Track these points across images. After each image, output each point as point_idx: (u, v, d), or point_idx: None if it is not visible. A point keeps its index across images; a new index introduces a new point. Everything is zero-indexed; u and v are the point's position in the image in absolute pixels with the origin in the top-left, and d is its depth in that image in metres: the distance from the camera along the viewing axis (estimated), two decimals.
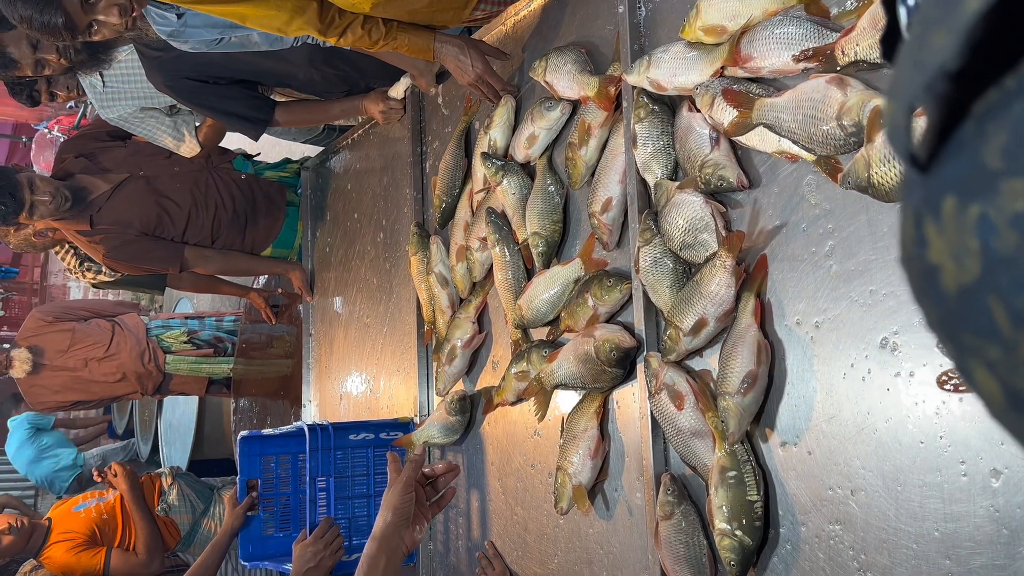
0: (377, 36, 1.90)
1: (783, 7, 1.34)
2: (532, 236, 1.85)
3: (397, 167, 2.64)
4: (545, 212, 1.84)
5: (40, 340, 3.90)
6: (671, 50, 1.51)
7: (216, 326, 4.22)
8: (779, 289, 1.35)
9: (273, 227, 3.16)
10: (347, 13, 1.84)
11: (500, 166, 1.95)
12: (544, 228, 1.83)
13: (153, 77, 2.45)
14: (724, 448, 1.34)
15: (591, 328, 1.65)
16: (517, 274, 1.94)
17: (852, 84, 1.20)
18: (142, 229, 2.88)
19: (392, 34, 1.93)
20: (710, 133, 1.44)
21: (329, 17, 1.81)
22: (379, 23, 1.90)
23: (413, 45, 1.99)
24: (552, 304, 1.81)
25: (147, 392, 4.12)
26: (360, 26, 1.87)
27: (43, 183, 2.71)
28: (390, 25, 1.92)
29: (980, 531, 1.06)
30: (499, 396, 1.94)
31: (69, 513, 3.61)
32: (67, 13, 1.70)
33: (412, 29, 1.98)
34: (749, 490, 1.32)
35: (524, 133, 1.90)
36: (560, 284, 1.80)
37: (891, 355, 1.18)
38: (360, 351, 2.82)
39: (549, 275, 1.82)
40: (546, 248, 1.83)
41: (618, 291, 1.64)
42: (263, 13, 1.75)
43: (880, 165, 1.12)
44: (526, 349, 1.87)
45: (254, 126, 2.59)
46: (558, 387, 1.71)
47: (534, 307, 1.83)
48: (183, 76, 2.39)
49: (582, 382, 1.66)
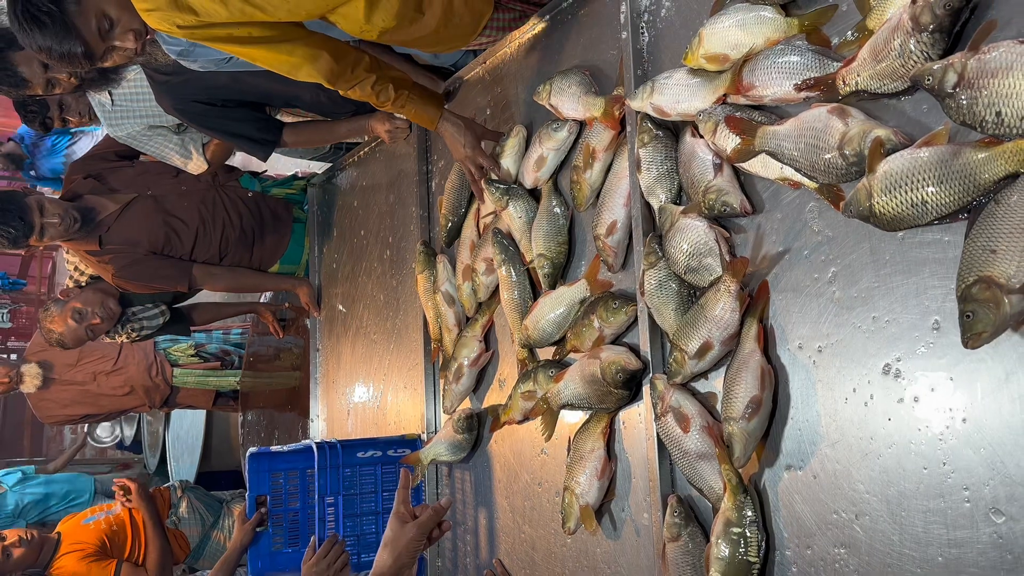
0: (384, 99, 1.93)
1: (784, 36, 1.36)
2: (538, 258, 1.87)
3: (403, 185, 2.66)
4: (550, 234, 1.86)
5: (49, 355, 3.94)
6: (674, 77, 1.53)
7: (223, 339, 4.25)
8: (782, 315, 1.37)
9: (280, 244, 3.19)
10: (359, 71, 1.86)
11: (505, 190, 1.97)
12: (550, 250, 1.85)
13: (162, 101, 2.47)
14: (734, 501, 1.35)
15: (597, 349, 1.67)
16: (523, 294, 1.96)
17: (853, 114, 1.22)
18: (151, 248, 2.90)
19: (400, 101, 1.96)
20: (713, 159, 1.46)
21: (340, 70, 1.83)
22: (388, 88, 1.92)
23: (419, 115, 2.04)
24: (558, 324, 1.83)
25: (154, 405, 4.15)
26: (370, 86, 1.89)
27: (52, 205, 2.74)
28: (400, 93, 1.94)
29: (984, 557, 1.07)
30: (506, 414, 1.96)
31: (79, 526, 3.63)
32: (85, 42, 1.71)
33: (421, 99, 2.01)
34: (750, 550, 1.33)
35: (533, 156, 1.92)
36: (566, 305, 1.81)
37: (894, 381, 1.19)
38: (367, 366, 2.84)
39: (555, 296, 1.83)
40: (552, 269, 1.85)
41: (624, 314, 1.66)
42: (273, 56, 1.77)
43: (882, 195, 1.13)
44: (532, 369, 1.88)
45: (262, 148, 2.61)
46: (564, 407, 1.73)
47: (540, 327, 1.85)
48: (191, 99, 2.42)
49: (588, 403, 1.67)
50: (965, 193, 1.06)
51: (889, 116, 1.22)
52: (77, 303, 3.20)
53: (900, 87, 1.17)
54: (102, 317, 3.20)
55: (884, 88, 1.18)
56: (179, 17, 1.62)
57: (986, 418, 1.08)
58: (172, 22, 1.63)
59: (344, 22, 1.81)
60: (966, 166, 1.05)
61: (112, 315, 3.23)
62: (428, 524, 1.53)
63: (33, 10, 1.69)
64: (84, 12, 1.70)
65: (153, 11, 1.63)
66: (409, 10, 1.84)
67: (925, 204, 1.09)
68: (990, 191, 1.04)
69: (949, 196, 1.07)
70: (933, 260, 1.15)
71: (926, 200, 1.09)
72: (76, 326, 3.18)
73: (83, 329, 3.20)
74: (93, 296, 3.21)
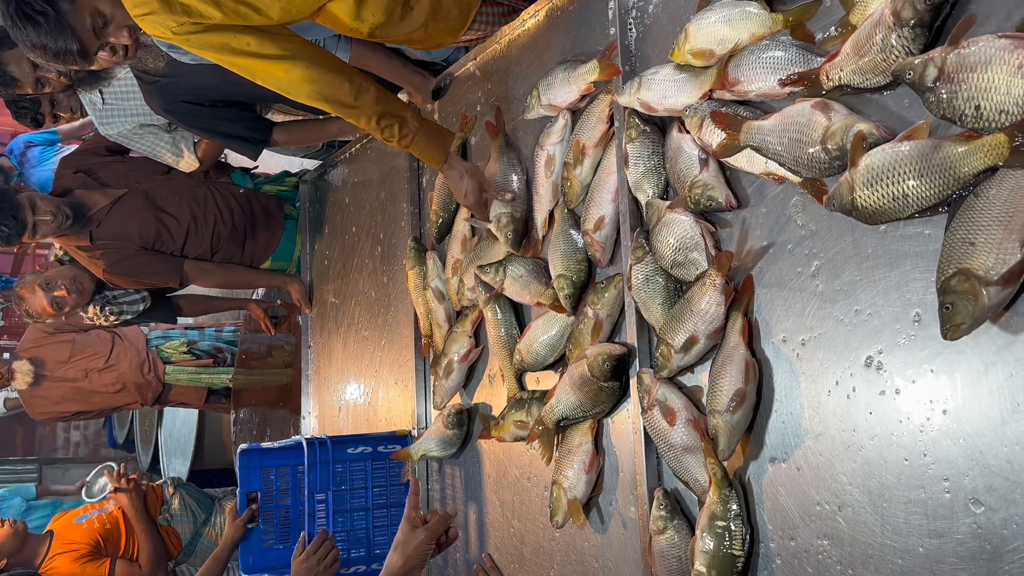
0: (390, 137, 1.84)
1: (769, 32, 1.36)
2: (558, 279, 1.79)
3: (394, 181, 2.66)
4: (568, 253, 1.78)
5: (40, 351, 3.93)
6: (661, 72, 1.54)
7: (216, 336, 4.24)
8: (766, 308, 1.38)
9: (272, 240, 3.19)
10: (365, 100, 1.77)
11: (498, 266, 1.94)
12: (569, 269, 1.77)
13: (151, 101, 2.46)
14: (719, 494, 1.36)
15: (581, 353, 1.67)
16: (510, 330, 1.97)
17: (836, 109, 1.23)
18: (142, 243, 2.90)
19: (405, 142, 1.86)
20: (699, 154, 1.47)
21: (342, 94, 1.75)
22: (394, 127, 1.83)
23: (424, 156, 1.96)
24: (552, 347, 1.81)
25: (146, 402, 4.14)
26: (375, 121, 1.80)
27: (44, 202, 2.74)
28: (405, 134, 1.85)
29: (963, 547, 1.09)
30: (496, 431, 1.95)
31: (71, 524, 3.62)
32: (80, 39, 1.70)
33: (427, 139, 1.90)
34: (735, 543, 1.35)
35: (541, 161, 1.87)
36: (558, 326, 1.80)
37: (876, 374, 1.20)
38: (359, 363, 2.84)
39: (547, 318, 1.82)
40: (573, 290, 1.76)
41: (612, 287, 1.66)
42: (270, 73, 1.71)
43: (864, 188, 1.14)
44: (528, 400, 1.87)
45: (252, 147, 2.60)
46: (560, 422, 1.70)
47: (534, 351, 1.83)
48: (180, 100, 2.40)
49: (583, 410, 1.66)
50: (945, 186, 1.07)
51: (871, 110, 1.23)
52: (50, 273, 3.21)
53: (882, 82, 1.18)
54: (69, 289, 3.19)
55: (867, 83, 1.19)
56: (173, 20, 1.61)
57: (966, 409, 1.09)
58: (166, 26, 1.62)
59: (334, 19, 1.80)
60: (946, 160, 1.06)
61: (82, 290, 3.22)
62: (437, 529, 1.63)
63: (27, 8, 1.68)
64: (78, 10, 1.70)
65: (147, 15, 1.62)
66: (398, 5, 1.84)
67: (906, 197, 1.10)
68: (970, 184, 1.05)
69: (930, 189, 1.08)
70: (914, 253, 1.16)
71: (907, 193, 1.09)
72: (42, 295, 3.18)
73: (48, 298, 3.18)
74: (67, 270, 3.22)
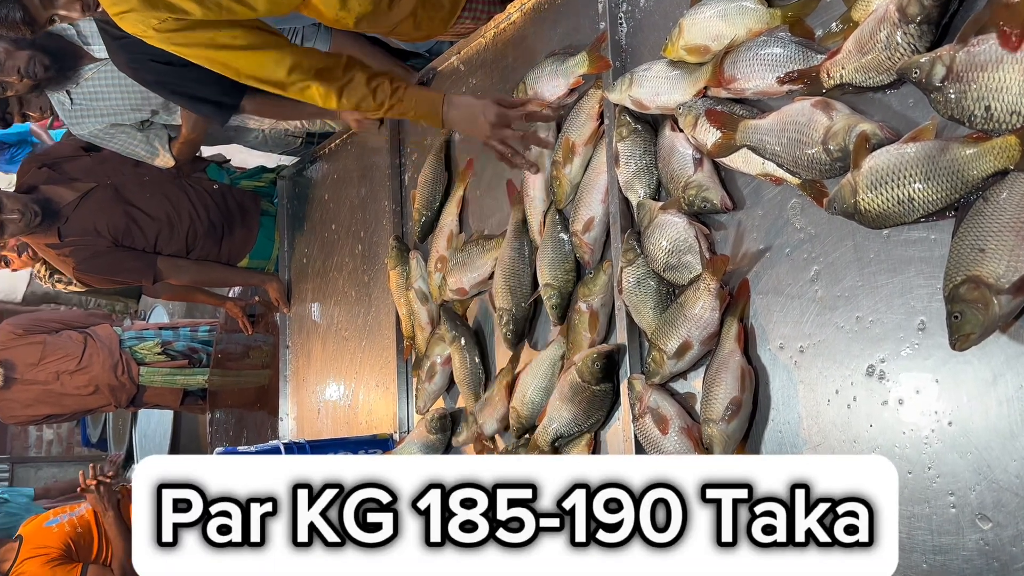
0: (383, 96, 1.76)
1: (767, 27, 1.32)
2: (544, 288, 1.75)
3: (375, 178, 2.60)
4: (556, 261, 1.73)
5: (10, 354, 3.83)
6: (653, 69, 1.49)
7: (191, 336, 4.15)
8: (763, 314, 1.34)
9: (249, 237, 3.11)
10: (354, 71, 1.74)
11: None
12: (556, 278, 1.72)
13: (116, 57, 2.34)
14: None
15: (569, 363, 1.63)
16: (475, 371, 1.97)
17: (838, 108, 1.19)
18: (112, 239, 2.81)
19: (399, 94, 1.78)
20: (693, 154, 1.43)
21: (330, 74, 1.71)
22: (385, 83, 1.76)
23: (420, 104, 1.84)
24: (546, 391, 1.73)
25: (120, 404, 4.05)
26: (364, 83, 1.74)
27: (10, 200, 2.65)
28: (397, 86, 1.78)
29: (970, 564, 1.05)
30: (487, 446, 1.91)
31: (41, 528, 3.53)
32: (24, 7, 1.66)
33: (419, 92, 1.86)
34: None
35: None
36: (547, 366, 1.74)
37: (878, 383, 1.17)
38: (338, 364, 2.78)
39: (534, 365, 1.76)
40: (559, 300, 1.71)
41: (602, 274, 1.62)
42: (259, 64, 1.66)
43: (867, 191, 1.10)
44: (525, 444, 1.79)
45: (221, 112, 2.46)
46: (555, 442, 1.64)
47: (528, 400, 1.75)
48: (148, 58, 2.24)
49: (578, 424, 1.61)
50: (953, 190, 1.03)
51: (875, 110, 1.19)
52: None
53: (886, 80, 1.14)
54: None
55: (870, 81, 1.15)
56: (154, 17, 1.55)
57: (972, 421, 1.06)
58: (147, 24, 1.56)
59: (318, 10, 1.75)
60: (954, 162, 1.03)
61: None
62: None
63: None
64: None
65: (127, 13, 1.56)
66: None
67: (912, 201, 1.06)
68: (979, 188, 1.02)
69: (936, 193, 1.04)
70: (919, 259, 1.13)
71: (913, 197, 1.06)
72: None
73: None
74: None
